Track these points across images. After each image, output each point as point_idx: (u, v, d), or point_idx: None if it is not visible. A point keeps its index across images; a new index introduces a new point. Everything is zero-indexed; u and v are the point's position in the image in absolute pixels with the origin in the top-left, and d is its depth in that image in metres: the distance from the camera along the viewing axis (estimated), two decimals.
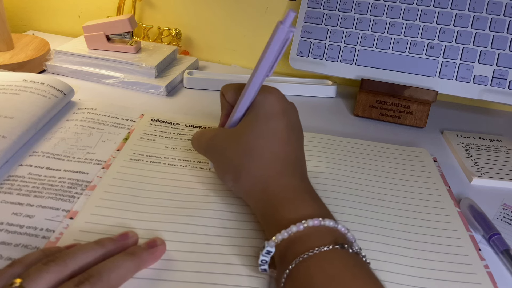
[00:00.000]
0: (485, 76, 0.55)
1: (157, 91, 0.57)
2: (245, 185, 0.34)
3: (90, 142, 0.44)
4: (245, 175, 0.34)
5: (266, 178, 0.33)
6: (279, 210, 0.31)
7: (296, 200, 0.32)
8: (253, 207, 0.35)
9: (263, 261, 0.30)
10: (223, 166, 0.36)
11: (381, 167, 0.46)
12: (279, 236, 0.29)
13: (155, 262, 0.31)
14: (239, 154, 0.34)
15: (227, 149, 0.35)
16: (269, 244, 0.29)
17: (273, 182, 0.33)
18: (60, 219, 0.34)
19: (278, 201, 0.32)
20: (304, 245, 0.28)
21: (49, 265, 0.27)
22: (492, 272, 0.35)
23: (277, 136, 0.34)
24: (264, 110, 0.34)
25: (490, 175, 0.48)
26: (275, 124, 0.34)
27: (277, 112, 0.35)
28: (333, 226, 0.29)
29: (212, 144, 0.37)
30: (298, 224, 0.29)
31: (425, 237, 0.38)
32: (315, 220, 0.29)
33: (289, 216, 0.30)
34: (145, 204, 0.37)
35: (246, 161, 0.34)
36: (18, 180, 0.38)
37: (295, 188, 0.33)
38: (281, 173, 0.33)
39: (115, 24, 0.58)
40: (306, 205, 0.31)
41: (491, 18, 0.55)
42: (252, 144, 0.34)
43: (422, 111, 0.57)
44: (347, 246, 0.28)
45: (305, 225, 0.29)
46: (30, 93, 0.47)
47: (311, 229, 0.29)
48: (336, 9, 0.59)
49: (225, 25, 0.69)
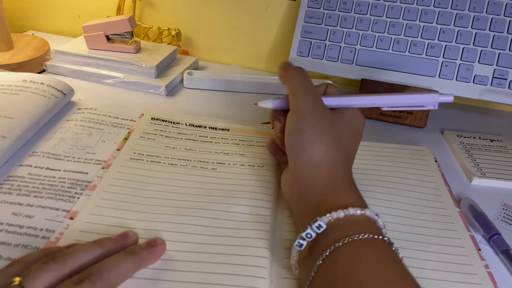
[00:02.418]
0: (485, 76, 0.55)
1: (157, 91, 0.57)
2: (316, 152, 0.34)
3: (90, 142, 0.44)
4: (323, 146, 0.34)
5: (336, 163, 0.34)
6: (337, 193, 0.33)
7: (352, 191, 0.33)
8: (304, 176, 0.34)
9: (308, 235, 0.30)
10: (308, 122, 0.35)
11: (381, 167, 0.46)
12: (334, 214, 0.30)
13: (155, 261, 0.31)
14: (330, 131, 0.35)
15: (323, 119, 0.35)
16: (323, 219, 0.30)
17: (339, 169, 0.34)
18: (60, 219, 0.34)
19: (338, 185, 0.33)
20: (355, 229, 0.29)
21: (49, 264, 0.27)
22: (492, 272, 0.35)
23: (355, 146, 0.38)
24: (358, 124, 0.38)
25: (490, 175, 0.47)
26: (358, 139, 0.38)
27: (362, 133, 0.38)
28: (380, 225, 0.31)
29: (314, 100, 0.37)
30: (356, 209, 0.30)
31: (426, 237, 0.37)
32: (371, 212, 0.30)
33: (345, 201, 0.31)
34: (145, 204, 0.37)
35: (332, 139, 0.34)
36: (18, 180, 0.38)
37: (351, 182, 0.34)
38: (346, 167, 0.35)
39: (115, 24, 0.58)
40: (358, 197, 0.33)
41: (491, 18, 0.55)
42: (344, 135, 0.36)
43: (422, 111, 0.57)
44: (387, 239, 0.29)
45: (363, 212, 0.30)
46: (30, 93, 0.47)
47: (364, 218, 0.30)
48: (336, 9, 0.59)
49: (225, 25, 0.69)
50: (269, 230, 0.36)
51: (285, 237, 0.36)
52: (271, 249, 0.34)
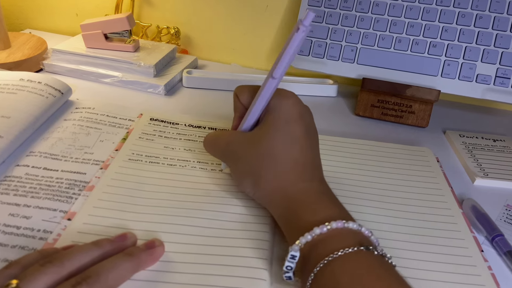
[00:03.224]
0: (488, 75, 0.55)
1: (156, 90, 0.57)
2: (264, 190, 0.34)
3: (88, 142, 0.44)
4: (265, 181, 0.34)
5: (286, 183, 0.33)
6: (300, 214, 0.31)
7: (317, 203, 0.32)
8: (272, 212, 0.35)
9: (288, 267, 0.30)
10: (241, 171, 0.36)
11: (383, 167, 0.46)
12: (302, 240, 0.29)
13: (154, 263, 0.31)
14: (258, 159, 0.34)
15: (246, 155, 0.35)
16: (293, 248, 0.29)
17: (293, 187, 0.33)
18: (58, 220, 0.34)
19: (298, 205, 0.32)
20: (328, 247, 0.28)
21: (46, 266, 0.27)
22: (495, 273, 0.35)
23: (296, 141, 0.34)
24: (282, 115, 0.35)
25: (493, 176, 0.47)
26: (294, 129, 0.34)
27: (295, 117, 0.35)
28: (356, 228, 0.29)
29: (230, 149, 0.37)
30: (321, 226, 0.29)
31: (428, 238, 0.37)
32: (338, 222, 0.29)
33: (311, 219, 0.30)
34: (144, 205, 0.37)
35: (266, 166, 0.34)
36: (15, 181, 0.38)
37: (315, 191, 0.33)
38: (301, 178, 0.33)
39: (113, 22, 0.58)
40: (327, 207, 0.31)
41: (494, 16, 0.55)
42: (271, 149, 0.34)
43: (424, 110, 0.56)
44: (372, 248, 0.28)
45: (329, 227, 0.29)
46: (27, 92, 0.47)
47: (335, 231, 0.29)
48: (337, 7, 0.58)
49: (224, 24, 0.69)
50: (269, 231, 0.36)
51: (285, 238, 0.35)
52: (271, 250, 0.34)
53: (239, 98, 0.38)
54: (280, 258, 0.34)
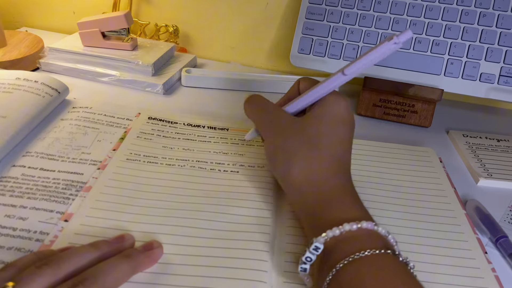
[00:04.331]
0: (492, 74, 0.55)
1: (154, 89, 0.57)
2: (296, 176, 0.34)
3: (85, 142, 0.44)
4: (300, 166, 0.33)
5: (321, 176, 0.33)
6: (331, 208, 0.31)
7: (348, 202, 0.32)
8: (296, 201, 0.34)
9: (308, 258, 0.30)
10: (279, 148, 0.35)
11: (384, 168, 0.46)
12: (329, 233, 0.29)
13: (152, 265, 0.31)
14: (302, 144, 0.34)
15: (291, 136, 0.35)
16: (318, 240, 0.29)
17: (326, 182, 0.33)
18: (55, 222, 0.34)
19: (330, 200, 0.32)
20: (355, 245, 0.28)
21: (42, 268, 0.27)
22: (499, 275, 0.34)
23: (342, 142, 0.35)
24: (336, 113, 0.35)
25: (497, 176, 0.47)
26: (344, 131, 0.35)
27: (347, 120, 0.36)
28: (384, 234, 0.30)
29: (276, 123, 0.36)
30: (351, 224, 0.29)
31: (431, 240, 0.37)
32: (368, 223, 0.29)
33: (341, 216, 0.30)
34: (142, 206, 0.37)
35: (307, 153, 0.34)
36: (11, 181, 0.38)
37: (346, 191, 0.33)
38: (336, 175, 0.34)
39: (111, 20, 0.58)
40: (357, 208, 0.32)
41: (498, 14, 0.54)
42: (318, 140, 0.34)
43: (427, 110, 0.56)
44: (398, 254, 0.28)
45: (359, 225, 0.29)
46: (24, 91, 0.47)
47: (363, 231, 0.29)
48: (339, 5, 0.58)
49: (224, 21, 0.69)
50: (270, 232, 0.35)
51: (286, 240, 0.35)
52: (272, 252, 0.34)
53: (299, 84, 0.39)
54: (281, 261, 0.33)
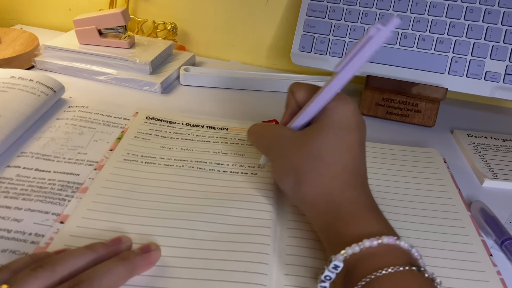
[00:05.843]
0: (497, 72, 0.54)
1: (152, 88, 0.57)
2: (307, 192, 0.33)
3: (81, 142, 0.43)
4: (310, 182, 0.32)
5: (333, 189, 0.32)
6: (348, 223, 0.30)
7: (366, 215, 0.31)
8: (312, 217, 0.33)
9: (328, 277, 0.29)
10: (284, 168, 0.34)
11: (388, 169, 0.45)
12: (349, 250, 0.28)
13: (149, 268, 0.31)
14: (305, 159, 0.33)
15: (294, 153, 0.34)
16: (337, 258, 0.28)
17: (340, 194, 0.32)
18: (50, 223, 0.34)
19: (346, 214, 0.31)
20: (377, 262, 0.27)
21: (37, 271, 0.27)
22: (504, 278, 0.34)
23: (349, 150, 0.33)
24: (340, 120, 0.34)
25: (502, 177, 0.47)
26: (350, 138, 0.33)
27: (353, 126, 0.34)
28: (407, 248, 0.29)
29: (277, 143, 0.36)
30: (372, 239, 0.28)
31: (435, 242, 0.37)
32: (390, 238, 0.28)
33: (360, 231, 0.29)
34: (139, 207, 0.36)
35: (312, 168, 0.32)
36: (5, 182, 0.37)
37: (363, 203, 0.32)
38: (349, 186, 0.32)
39: (108, 17, 0.58)
40: (377, 222, 0.31)
41: (503, 11, 0.54)
42: (323, 152, 0.33)
43: (431, 109, 0.56)
44: (423, 270, 0.27)
45: (380, 241, 0.28)
46: (19, 90, 0.47)
47: (385, 247, 0.28)
48: (341, 2, 0.58)
49: (223, 19, 0.69)
50: (270, 234, 0.35)
51: (286, 243, 0.35)
52: (272, 255, 0.34)
53: (294, 95, 0.37)
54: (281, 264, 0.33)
